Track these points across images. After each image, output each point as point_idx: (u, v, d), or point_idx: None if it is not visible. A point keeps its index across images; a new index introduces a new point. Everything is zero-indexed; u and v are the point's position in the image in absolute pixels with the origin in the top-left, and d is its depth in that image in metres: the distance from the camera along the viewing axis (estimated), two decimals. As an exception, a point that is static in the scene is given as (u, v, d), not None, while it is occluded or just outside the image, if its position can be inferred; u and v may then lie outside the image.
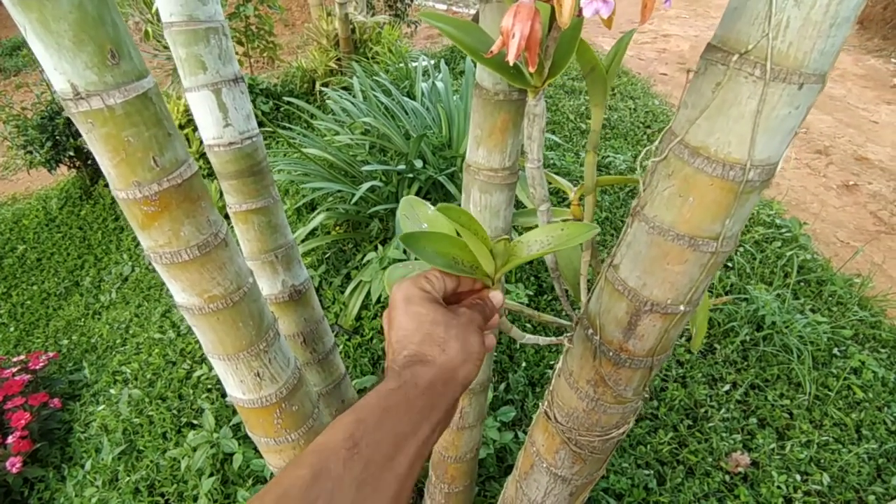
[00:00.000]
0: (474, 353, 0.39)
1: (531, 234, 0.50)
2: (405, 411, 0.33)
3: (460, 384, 0.38)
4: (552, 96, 3.61)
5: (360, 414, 0.31)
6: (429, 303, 0.40)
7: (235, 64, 0.85)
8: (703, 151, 0.49)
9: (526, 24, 0.40)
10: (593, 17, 0.39)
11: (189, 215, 0.61)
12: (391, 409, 0.32)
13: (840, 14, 0.41)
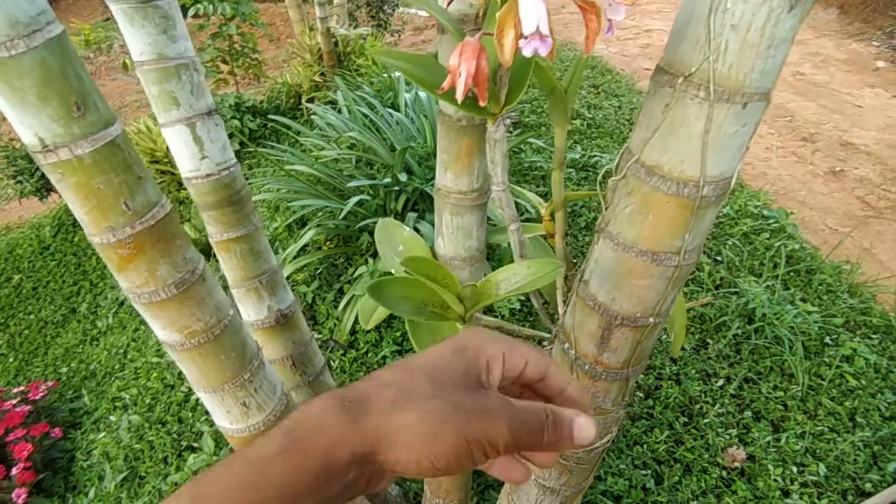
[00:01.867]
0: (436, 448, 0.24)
1: (499, 274, 0.51)
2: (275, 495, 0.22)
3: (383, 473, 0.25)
4: (536, 99, 3.63)
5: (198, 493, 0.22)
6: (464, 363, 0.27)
7: (208, 97, 0.86)
8: (657, 170, 0.51)
9: (471, 62, 0.41)
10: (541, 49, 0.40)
11: (164, 255, 0.62)
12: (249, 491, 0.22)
13: (776, 35, 0.42)
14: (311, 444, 0.23)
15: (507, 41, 0.39)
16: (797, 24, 0.43)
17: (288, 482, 0.22)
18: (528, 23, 0.37)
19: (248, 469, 0.22)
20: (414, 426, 0.24)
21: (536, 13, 0.38)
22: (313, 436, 0.23)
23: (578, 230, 2.38)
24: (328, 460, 0.23)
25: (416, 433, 0.24)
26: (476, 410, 0.25)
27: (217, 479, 0.22)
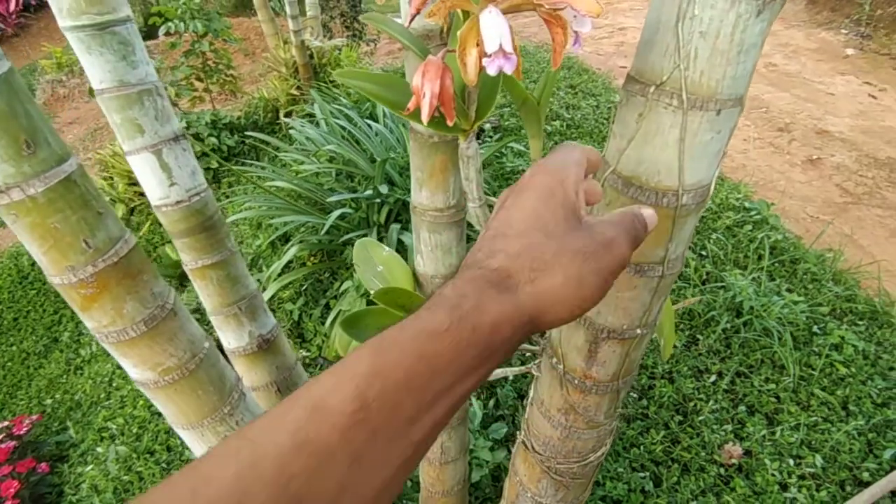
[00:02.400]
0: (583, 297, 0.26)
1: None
2: (447, 364, 0.23)
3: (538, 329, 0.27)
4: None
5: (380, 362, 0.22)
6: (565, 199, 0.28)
7: (174, 122, 0.84)
8: (635, 181, 0.49)
9: (435, 82, 0.40)
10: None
11: (131, 291, 0.60)
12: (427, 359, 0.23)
13: (746, 41, 0.41)
14: (477, 322, 0.24)
15: (469, 60, 0.38)
16: (766, 28, 0.42)
17: (458, 355, 0.23)
18: (490, 41, 0.36)
19: (423, 340, 0.23)
20: (560, 286, 0.26)
21: (498, 30, 0.36)
22: (477, 314, 0.24)
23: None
24: (493, 336, 0.24)
25: (565, 291, 0.26)
26: (600, 247, 0.27)
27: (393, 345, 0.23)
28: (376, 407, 0.21)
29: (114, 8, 0.74)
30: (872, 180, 3.03)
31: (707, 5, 0.40)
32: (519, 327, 0.25)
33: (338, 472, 0.20)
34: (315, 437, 0.20)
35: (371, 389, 0.21)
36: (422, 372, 0.22)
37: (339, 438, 0.20)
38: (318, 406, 0.21)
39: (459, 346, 0.23)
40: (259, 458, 0.19)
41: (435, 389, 0.23)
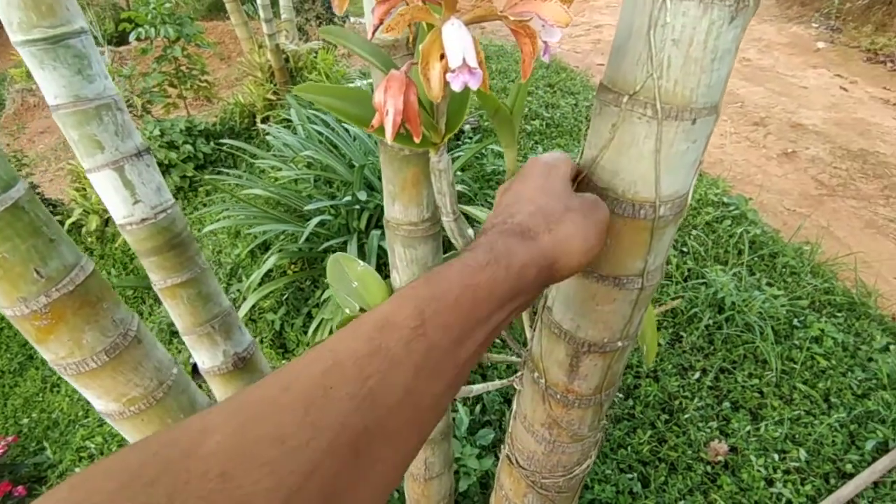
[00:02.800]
0: (585, 246, 0.33)
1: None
2: (486, 295, 0.28)
3: (556, 273, 0.32)
4: (495, 102, 3.63)
5: (434, 289, 0.27)
6: (562, 179, 0.38)
7: (136, 136, 0.81)
8: (610, 193, 0.48)
9: (398, 98, 0.38)
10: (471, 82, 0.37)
11: (90, 321, 0.57)
12: (471, 288, 0.28)
13: (720, 48, 0.40)
14: (509, 263, 0.29)
15: (433, 75, 0.36)
16: (740, 34, 0.41)
17: (494, 289, 0.28)
18: (454, 55, 0.34)
19: (467, 274, 0.28)
20: (572, 236, 0.33)
21: (461, 44, 0.34)
22: (509, 256, 0.30)
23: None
24: (521, 275, 0.30)
25: (576, 241, 0.33)
26: (593, 206, 0.37)
27: (443, 278, 0.28)
28: (431, 325, 0.25)
29: (67, 20, 0.70)
30: (846, 172, 3.08)
31: (679, 13, 0.39)
32: (542, 269, 0.31)
33: (403, 377, 0.24)
34: (385, 347, 0.24)
35: (428, 310, 0.26)
36: (466, 299, 0.27)
37: (404, 349, 0.24)
38: (386, 322, 0.25)
39: (496, 281, 0.28)
40: (340, 360, 0.23)
41: (477, 316, 0.28)
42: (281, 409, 0.21)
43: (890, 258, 2.36)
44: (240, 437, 0.20)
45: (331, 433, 0.21)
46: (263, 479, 0.19)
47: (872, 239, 2.51)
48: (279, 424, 0.20)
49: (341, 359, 0.23)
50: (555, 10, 0.35)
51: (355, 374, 0.23)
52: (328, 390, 0.22)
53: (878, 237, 2.53)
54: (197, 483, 0.18)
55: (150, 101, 3.54)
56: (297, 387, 0.22)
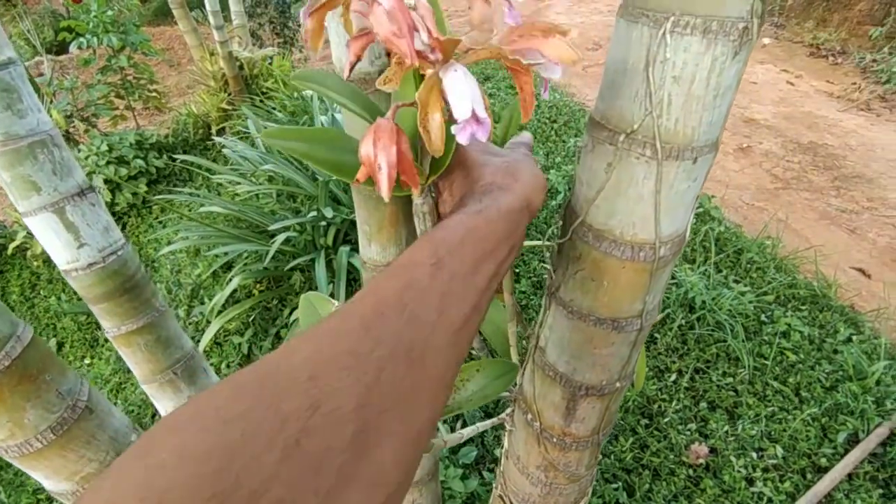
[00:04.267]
0: (541, 183, 0.40)
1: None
2: (485, 232, 0.33)
3: (531, 212, 0.38)
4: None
5: (443, 233, 0.32)
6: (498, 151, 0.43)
7: (78, 174, 0.73)
8: (608, 234, 0.45)
9: (390, 149, 0.33)
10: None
11: (30, 397, 0.50)
12: (472, 229, 0.33)
13: (722, 84, 0.37)
14: (498, 207, 0.35)
15: (433, 128, 0.31)
16: (742, 68, 0.38)
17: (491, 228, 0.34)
18: (461, 107, 0.30)
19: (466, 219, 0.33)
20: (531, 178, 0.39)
21: (468, 92, 0.30)
22: (495, 203, 0.35)
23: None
24: (510, 215, 0.35)
25: (534, 181, 0.39)
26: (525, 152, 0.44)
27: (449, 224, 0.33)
28: (447, 259, 0.31)
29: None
30: (799, 165, 3.19)
31: (680, 48, 0.36)
32: (523, 209, 0.37)
33: (434, 300, 0.29)
34: (415, 279, 0.29)
35: (442, 248, 0.31)
36: (471, 237, 0.32)
37: (430, 279, 0.29)
38: (411, 262, 0.30)
39: (490, 220, 0.34)
40: (383, 295, 0.28)
41: (483, 249, 0.33)
42: (348, 331, 0.26)
43: (845, 248, 2.45)
44: (320, 352, 0.25)
45: (388, 345, 0.26)
46: (344, 377, 0.24)
47: (827, 230, 2.61)
48: (348, 341, 0.25)
49: (384, 294, 0.28)
50: (559, 47, 0.31)
51: (397, 301, 0.28)
52: (380, 315, 0.27)
53: (832, 228, 2.63)
54: (292, 385, 0.23)
55: (95, 114, 3.34)
56: (355, 316, 0.27)
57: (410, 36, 0.27)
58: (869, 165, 3.10)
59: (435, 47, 0.29)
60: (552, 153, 3.02)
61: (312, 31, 0.30)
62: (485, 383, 0.42)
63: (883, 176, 3.00)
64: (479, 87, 0.31)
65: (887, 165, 3.09)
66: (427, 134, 0.32)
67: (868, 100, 3.81)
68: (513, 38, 0.32)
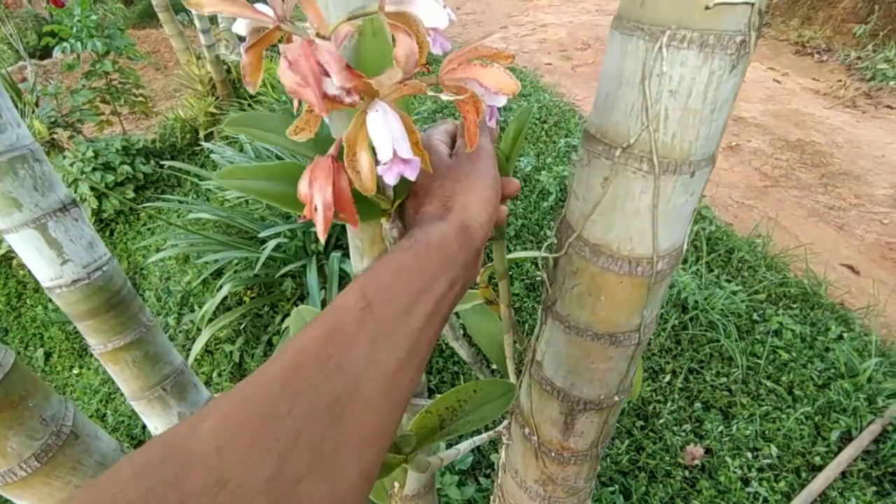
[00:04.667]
0: (487, 201, 0.37)
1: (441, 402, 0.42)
2: (418, 269, 0.32)
3: (475, 236, 0.36)
4: (447, 106, 3.59)
5: (372, 275, 0.31)
6: (438, 154, 0.39)
7: (60, 188, 0.71)
8: (605, 249, 0.44)
9: (326, 188, 0.31)
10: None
11: (12, 425, 0.48)
12: (402, 267, 0.31)
13: (719, 98, 0.37)
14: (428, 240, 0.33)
15: (363, 167, 0.30)
16: (739, 81, 0.37)
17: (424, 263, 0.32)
18: (383, 149, 0.29)
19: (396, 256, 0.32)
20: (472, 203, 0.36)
21: (390, 134, 0.29)
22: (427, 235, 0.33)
23: (515, 229, 2.35)
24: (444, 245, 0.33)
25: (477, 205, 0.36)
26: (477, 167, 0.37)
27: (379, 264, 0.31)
28: (376, 302, 0.29)
29: (-35, 63, 0.60)
30: (787, 162, 3.22)
31: (676, 62, 0.35)
32: (460, 236, 0.34)
33: (363, 348, 0.27)
34: (340, 326, 0.28)
35: (370, 290, 0.29)
36: (401, 276, 0.31)
37: (357, 325, 0.28)
38: (337, 308, 0.29)
39: (420, 256, 0.32)
40: (305, 345, 0.26)
41: (416, 288, 0.31)
42: (260, 391, 0.24)
43: (834, 245, 2.47)
44: (229, 417, 0.23)
45: (306, 402, 0.24)
46: (254, 445, 0.22)
47: (816, 227, 2.63)
48: (261, 403, 0.24)
49: (305, 344, 0.27)
50: (498, 76, 0.30)
51: (319, 351, 0.26)
52: (299, 369, 0.25)
53: (820, 225, 2.65)
54: (198, 458, 0.21)
55: (80, 119, 3.29)
56: (271, 371, 0.25)
57: (317, 84, 0.26)
58: (855, 162, 3.13)
59: (350, 90, 0.27)
60: (543, 153, 3.02)
61: (250, 66, 0.29)
62: (482, 405, 0.41)
63: (869, 172, 3.03)
64: (402, 128, 0.29)
65: (873, 162, 3.12)
66: (357, 175, 0.30)
67: (853, 97, 3.85)
68: (451, 68, 0.31)
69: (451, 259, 0.34)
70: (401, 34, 0.29)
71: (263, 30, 0.29)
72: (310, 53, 0.26)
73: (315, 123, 0.28)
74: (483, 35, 5.90)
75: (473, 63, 0.31)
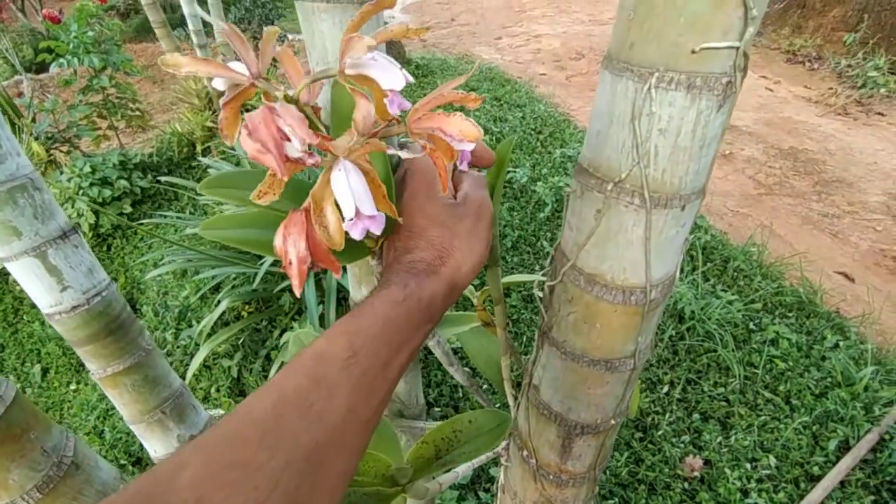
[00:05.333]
0: (478, 260, 0.37)
1: (438, 433, 0.43)
2: (405, 323, 0.33)
3: (455, 292, 0.37)
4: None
5: (361, 323, 0.31)
6: (440, 199, 0.38)
7: (60, 216, 0.72)
8: (599, 279, 0.45)
9: (299, 243, 0.32)
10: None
11: (15, 457, 0.49)
12: (392, 320, 0.32)
13: (707, 136, 0.38)
14: (420, 296, 0.33)
15: (330, 224, 0.31)
16: (726, 119, 0.38)
17: (410, 318, 0.33)
18: (345, 208, 0.30)
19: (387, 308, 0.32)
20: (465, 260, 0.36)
21: (353, 193, 0.30)
22: (419, 291, 0.33)
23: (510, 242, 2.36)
24: (431, 303, 0.34)
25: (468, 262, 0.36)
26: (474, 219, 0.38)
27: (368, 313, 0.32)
28: (363, 353, 0.29)
29: (-34, 95, 0.61)
30: (780, 170, 3.24)
31: (665, 102, 0.36)
32: (446, 294, 0.35)
33: (344, 397, 0.28)
34: (324, 375, 0.28)
35: (357, 341, 0.30)
36: (389, 330, 0.31)
37: (340, 375, 0.28)
38: (322, 356, 0.29)
39: (411, 311, 0.33)
40: (286, 392, 0.27)
41: (399, 341, 0.32)
42: (240, 439, 0.25)
43: (828, 253, 2.48)
44: (208, 467, 0.23)
45: (286, 453, 0.25)
46: (231, 497, 0.22)
47: (810, 235, 2.65)
48: (240, 451, 0.24)
49: (287, 392, 0.27)
50: (461, 124, 0.32)
51: (301, 401, 0.27)
52: (280, 419, 0.26)
53: (814, 233, 2.67)
54: None
55: (77, 135, 3.30)
56: (251, 420, 0.26)
57: (277, 150, 0.27)
58: (848, 169, 3.16)
59: (311, 153, 0.28)
60: (538, 164, 3.04)
61: (226, 120, 0.30)
62: (477, 436, 0.42)
63: (862, 180, 3.05)
64: (365, 186, 0.30)
65: (866, 169, 3.15)
66: (324, 230, 0.31)
67: (845, 104, 3.89)
68: (417, 117, 0.32)
69: (434, 315, 0.35)
70: (358, 97, 0.30)
71: (241, 84, 0.30)
72: (270, 120, 0.27)
73: (279, 186, 0.29)
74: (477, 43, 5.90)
75: (437, 112, 0.32)
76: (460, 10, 7.19)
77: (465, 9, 7.24)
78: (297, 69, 0.32)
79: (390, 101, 0.31)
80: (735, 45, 0.34)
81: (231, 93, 0.30)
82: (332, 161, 0.30)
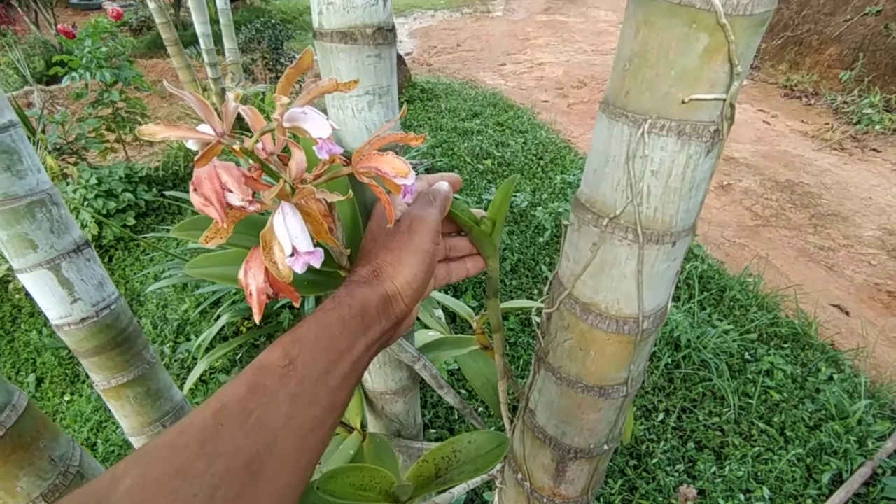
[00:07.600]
0: (412, 271, 0.38)
1: (437, 452, 0.45)
2: (340, 331, 0.34)
3: (398, 311, 0.38)
4: (446, 141, 3.67)
5: (296, 334, 0.33)
6: (380, 221, 0.42)
7: (74, 230, 0.74)
8: (594, 308, 0.47)
9: (259, 276, 0.36)
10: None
11: (24, 465, 0.50)
12: (326, 327, 0.33)
13: (697, 178, 0.41)
14: (351, 303, 0.35)
15: (278, 260, 0.34)
16: (715, 163, 0.41)
17: (345, 325, 0.34)
18: (284, 246, 0.33)
19: (320, 317, 0.34)
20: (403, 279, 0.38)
21: (290, 234, 0.33)
22: (351, 298, 0.35)
23: (510, 264, 2.38)
24: (365, 311, 0.35)
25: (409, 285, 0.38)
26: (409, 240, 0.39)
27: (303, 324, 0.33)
28: (299, 361, 0.31)
29: (-5, 113, 0.64)
30: (777, 202, 3.29)
31: (657, 147, 0.39)
32: (380, 305, 0.37)
33: (283, 405, 0.29)
34: (262, 384, 0.29)
35: (293, 350, 0.31)
36: (324, 337, 0.33)
37: (278, 383, 0.29)
38: (260, 366, 0.30)
39: (344, 318, 0.34)
40: (226, 402, 0.28)
41: (337, 348, 0.33)
42: (180, 448, 0.25)
43: (824, 285, 2.51)
44: (146, 476, 0.23)
45: (226, 460, 0.25)
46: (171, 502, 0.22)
47: (806, 267, 2.67)
48: (179, 460, 0.24)
49: (227, 401, 0.28)
50: (393, 163, 0.36)
51: (240, 410, 0.27)
52: (220, 427, 0.26)
53: (810, 265, 2.70)
54: None
55: (85, 147, 3.35)
56: (191, 429, 0.26)
57: (219, 203, 0.30)
58: (843, 203, 3.21)
59: (252, 201, 0.32)
60: (538, 189, 3.08)
61: None
62: (475, 456, 0.43)
63: (857, 214, 3.10)
64: (302, 226, 0.34)
65: (861, 204, 3.20)
66: (273, 265, 0.34)
67: (840, 139, 3.96)
68: (359, 158, 0.37)
69: (370, 325, 0.36)
70: (292, 147, 0.34)
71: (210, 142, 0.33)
72: (214, 176, 0.30)
73: (226, 232, 0.32)
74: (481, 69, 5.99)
75: (374, 153, 0.37)
76: (466, 37, 7.35)
77: (471, 35, 7.40)
78: (259, 123, 0.35)
79: (319, 148, 0.34)
80: (721, 97, 0.37)
81: (202, 150, 0.33)
82: (275, 206, 0.33)
